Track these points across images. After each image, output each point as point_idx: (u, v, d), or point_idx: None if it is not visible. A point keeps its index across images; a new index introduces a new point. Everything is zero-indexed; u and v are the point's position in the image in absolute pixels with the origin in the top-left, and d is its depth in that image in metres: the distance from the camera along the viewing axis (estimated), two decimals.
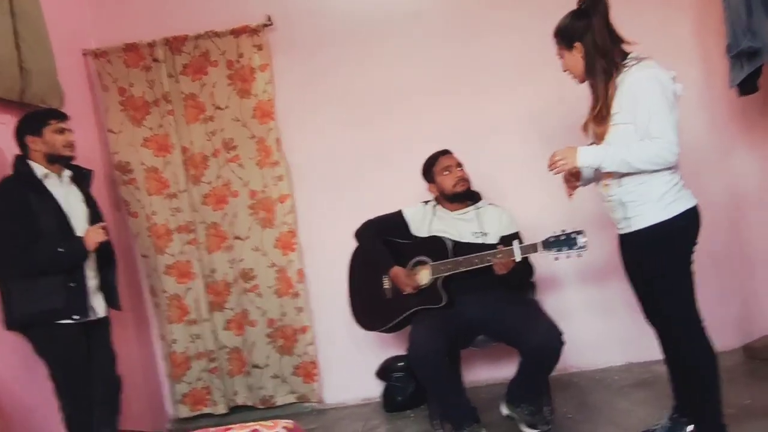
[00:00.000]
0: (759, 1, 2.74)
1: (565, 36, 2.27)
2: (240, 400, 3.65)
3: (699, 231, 2.20)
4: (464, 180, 2.99)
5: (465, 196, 3.00)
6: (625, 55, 2.19)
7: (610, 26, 2.21)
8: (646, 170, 2.10)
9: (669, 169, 2.13)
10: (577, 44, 2.23)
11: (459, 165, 3.01)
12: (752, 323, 3.34)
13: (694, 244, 2.20)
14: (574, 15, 2.27)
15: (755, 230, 3.42)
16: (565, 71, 2.35)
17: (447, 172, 2.99)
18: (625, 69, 2.14)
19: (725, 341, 2.36)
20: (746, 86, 3.05)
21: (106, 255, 2.73)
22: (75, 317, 2.50)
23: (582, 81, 2.30)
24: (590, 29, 2.19)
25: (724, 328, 2.36)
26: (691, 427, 2.27)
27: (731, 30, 2.91)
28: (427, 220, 3.00)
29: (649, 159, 2.08)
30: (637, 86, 2.10)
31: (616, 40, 2.21)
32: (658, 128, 2.07)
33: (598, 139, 2.22)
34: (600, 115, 2.18)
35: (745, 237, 3.41)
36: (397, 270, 2.90)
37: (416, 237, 3.00)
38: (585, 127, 2.35)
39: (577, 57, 2.25)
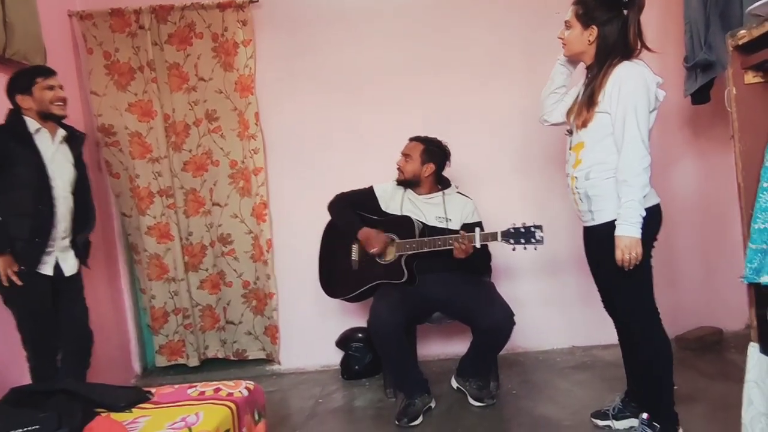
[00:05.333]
0: (717, 17, 2.76)
1: (587, 13, 2.11)
2: (211, 354, 3.67)
3: (659, 228, 2.16)
4: (400, 170, 2.96)
5: (408, 183, 2.94)
6: (629, 54, 2.09)
7: (639, 26, 2.09)
8: (644, 177, 2.01)
9: None
10: (594, 28, 2.10)
11: (405, 155, 2.95)
12: (686, 315, 3.41)
13: (654, 240, 2.15)
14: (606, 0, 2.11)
15: (694, 231, 3.48)
16: (560, 38, 2.22)
17: (400, 157, 2.97)
18: (619, 63, 2.07)
19: None
20: (699, 96, 3.08)
21: (86, 216, 2.66)
22: (22, 267, 2.39)
23: (568, 56, 2.24)
24: (615, 22, 2.07)
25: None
26: (645, 415, 2.23)
27: (689, 42, 2.92)
28: (398, 199, 2.97)
29: (639, 174, 2.00)
30: (624, 78, 2.03)
31: (638, 40, 2.10)
32: (631, 130, 2.01)
33: (582, 125, 2.13)
34: (591, 101, 2.10)
35: (683, 237, 3.47)
36: (366, 230, 2.85)
37: (387, 213, 2.97)
38: (569, 113, 2.27)
39: (584, 37, 2.12)
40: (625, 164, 2.03)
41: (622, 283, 2.15)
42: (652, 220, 2.10)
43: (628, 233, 2.01)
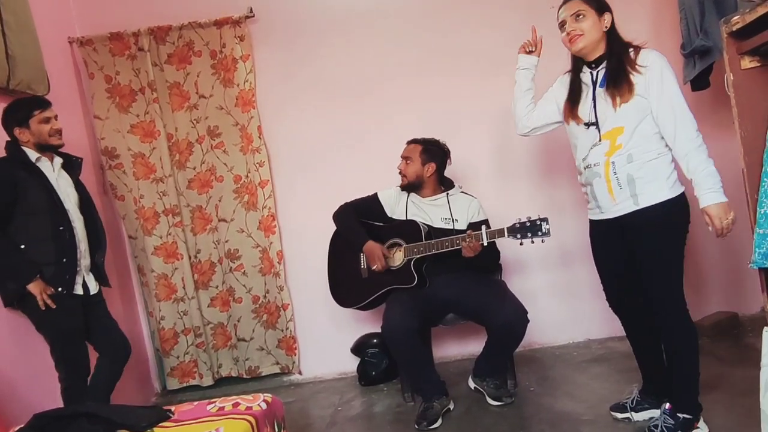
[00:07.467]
0: (712, 3, 2.76)
1: (600, 1, 2.13)
2: (225, 372, 3.66)
3: (689, 216, 2.16)
4: (402, 174, 2.98)
5: (412, 187, 2.96)
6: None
7: None
8: (705, 149, 2.04)
9: (671, 150, 2.09)
10: (608, 14, 2.12)
11: (405, 158, 2.97)
12: (701, 302, 3.40)
13: (688, 224, 2.15)
14: None
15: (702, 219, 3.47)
16: (571, 32, 2.13)
17: (400, 161, 2.99)
18: (642, 50, 2.10)
19: None
20: (699, 82, 3.08)
21: (97, 237, 2.70)
22: (59, 289, 2.45)
23: (583, 47, 2.13)
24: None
25: None
26: (668, 405, 2.18)
27: (685, 29, 2.93)
28: (402, 204, 2.99)
29: (701, 144, 2.04)
30: (663, 65, 2.07)
31: None
32: (683, 112, 2.04)
33: (615, 106, 2.08)
34: (629, 86, 2.07)
35: (695, 223, 3.43)
36: (371, 244, 2.88)
37: (392, 219, 2.99)
38: (577, 109, 2.21)
39: (600, 24, 2.11)
40: (687, 139, 2.03)
41: (659, 272, 2.13)
42: (683, 207, 2.12)
43: (716, 200, 1.99)
